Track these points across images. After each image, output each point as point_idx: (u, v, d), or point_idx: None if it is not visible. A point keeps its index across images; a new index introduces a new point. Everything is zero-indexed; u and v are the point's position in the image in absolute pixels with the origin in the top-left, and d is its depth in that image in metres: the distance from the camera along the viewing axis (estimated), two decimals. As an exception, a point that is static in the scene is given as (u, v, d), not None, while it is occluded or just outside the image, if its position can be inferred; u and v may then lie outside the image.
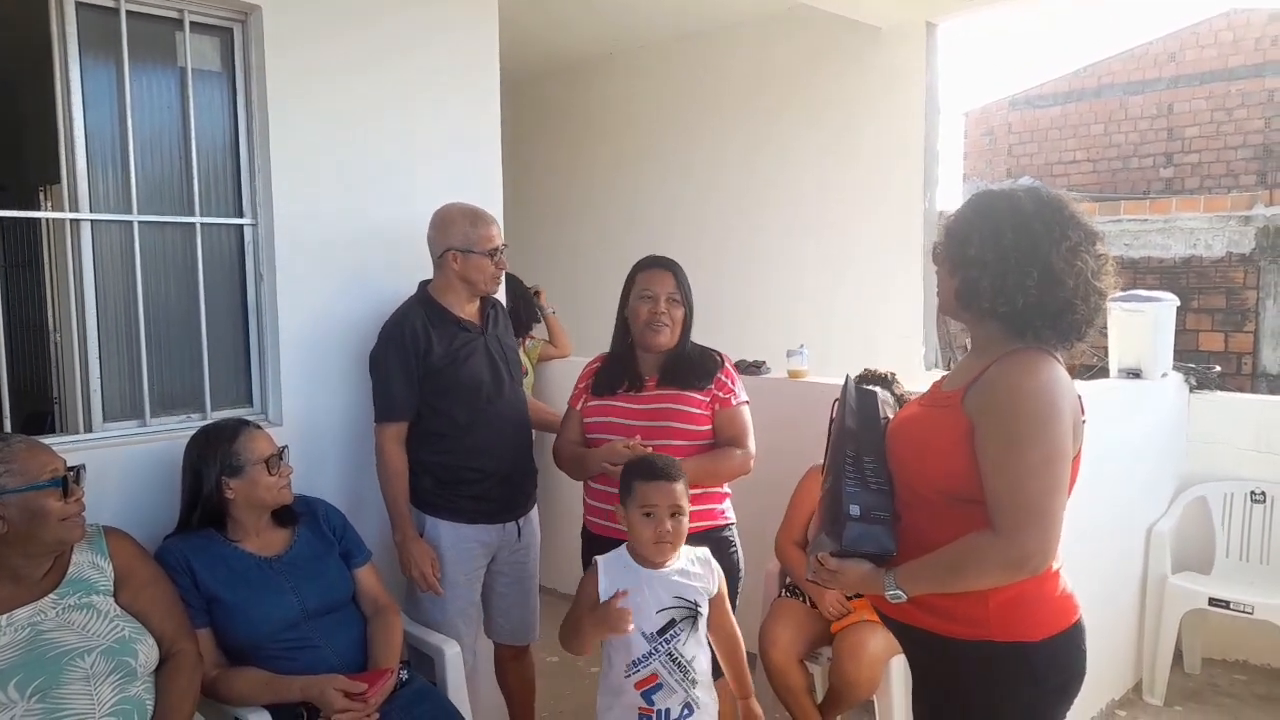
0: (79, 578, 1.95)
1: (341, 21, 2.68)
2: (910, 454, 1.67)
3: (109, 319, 2.42)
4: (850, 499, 1.60)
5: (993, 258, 1.59)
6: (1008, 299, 1.58)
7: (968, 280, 1.63)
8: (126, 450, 2.35)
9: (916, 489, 1.64)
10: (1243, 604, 3.21)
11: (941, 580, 1.56)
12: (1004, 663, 1.57)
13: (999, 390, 1.55)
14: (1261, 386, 6.47)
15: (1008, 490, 1.50)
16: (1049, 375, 1.55)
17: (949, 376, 1.78)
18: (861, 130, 4.81)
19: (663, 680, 2.05)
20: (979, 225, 1.62)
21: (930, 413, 1.70)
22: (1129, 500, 3.39)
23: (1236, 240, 6.62)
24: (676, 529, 2.06)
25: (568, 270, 5.87)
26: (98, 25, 2.35)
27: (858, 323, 4.80)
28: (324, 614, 2.22)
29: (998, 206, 1.62)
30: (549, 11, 4.89)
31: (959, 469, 1.56)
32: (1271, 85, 9.54)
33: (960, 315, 1.70)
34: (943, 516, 1.59)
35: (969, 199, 1.69)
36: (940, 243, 1.71)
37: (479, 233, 2.54)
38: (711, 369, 2.53)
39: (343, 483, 2.73)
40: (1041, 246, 1.57)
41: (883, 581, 1.60)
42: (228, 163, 2.60)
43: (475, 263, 2.54)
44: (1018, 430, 1.51)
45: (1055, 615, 1.60)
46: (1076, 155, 10.89)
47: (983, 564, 1.51)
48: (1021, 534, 1.48)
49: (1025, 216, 1.59)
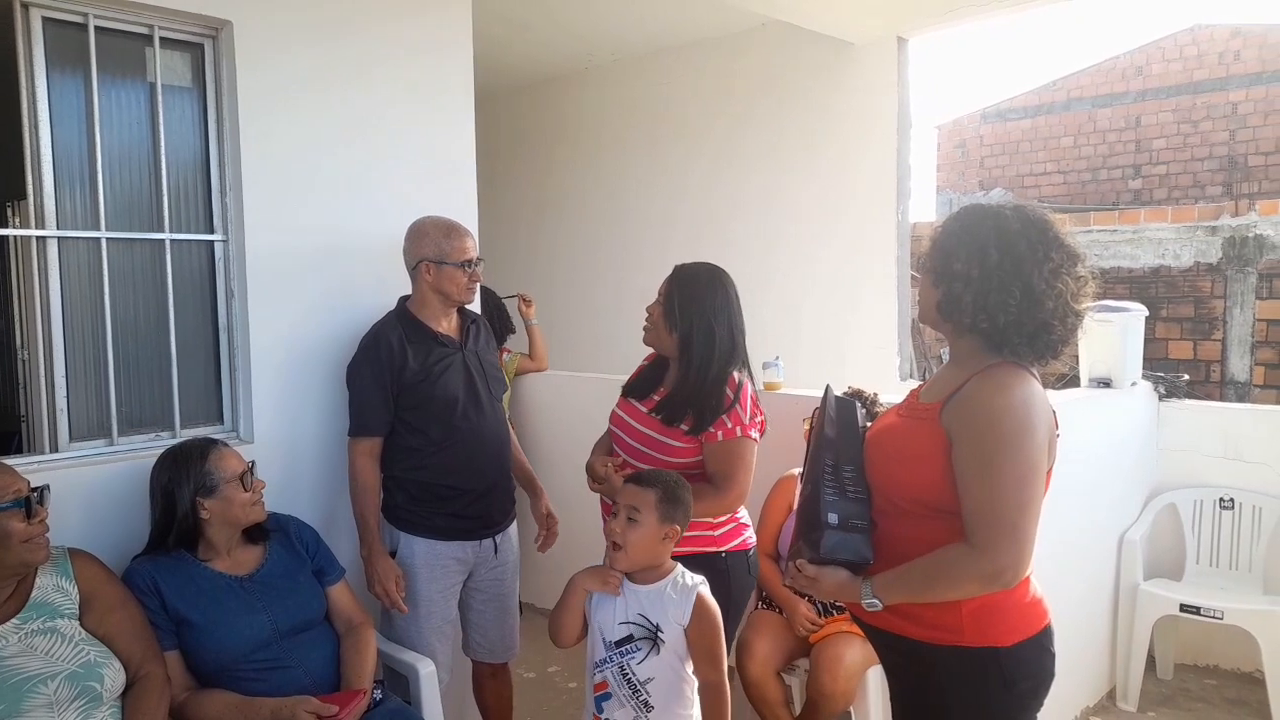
0: (43, 601, 1.92)
1: (313, 35, 2.68)
2: (887, 464, 1.70)
3: (76, 337, 2.39)
4: (828, 507, 1.63)
5: (977, 274, 1.62)
6: (989, 315, 1.61)
7: (951, 294, 1.66)
8: (94, 470, 2.32)
9: (893, 498, 1.67)
10: (1213, 609, 3.25)
11: (917, 591, 1.60)
12: (977, 667, 1.60)
13: (976, 407, 1.58)
14: (1230, 394, 6.58)
15: (984, 506, 1.53)
16: (1025, 392, 1.58)
17: (927, 387, 1.80)
18: (834, 144, 4.86)
19: (611, 691, 2.06)
20: (966, 240, 1.65)
21: (908, 423, 1.72)
22: (1101, 508, 3.43)
23: (1204, 250, 6.74)
24: (624, 531, 2.02)
25: (542, 283, 5.86)
26: (65, 40, 2.33)
27: (833, 334, 4.83)
28: (296, 633, 2.20)
29: (985, 223, 1.65)
30: (523, 26, 4.91)
31: (935, 481, 1.59)
32: (1235, 98, 9.74)
33: (940, 326, 1.73)
34: (918, 526, 1.62)
35: (958, 213, 1.71)
36: (926, 254, 1.73)
37: (452, 244, 2.54)
38: (707, 418, 2.27)
39: (317, 500, 2.70)
40: (1025, 266, 1.60)
41: (859, 590, 1.62)
42: (198, 178, 2.58)
43: (448, 274, 2.53)
44: (994, 448, 1.54)
45: (1026, 620, 1.63)
46: (1047, 167, 11.05)
47: (958, 577, 1.55)
48: (996, 549, 1.52)
49: (1011, 235, 1.62)
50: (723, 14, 4.78)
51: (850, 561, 1.63)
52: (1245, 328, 6.59)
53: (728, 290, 2.40)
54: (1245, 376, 6.59)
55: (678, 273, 2.41)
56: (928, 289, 1.72)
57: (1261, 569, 3.48)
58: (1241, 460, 3.60)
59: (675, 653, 2.05)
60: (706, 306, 2.33)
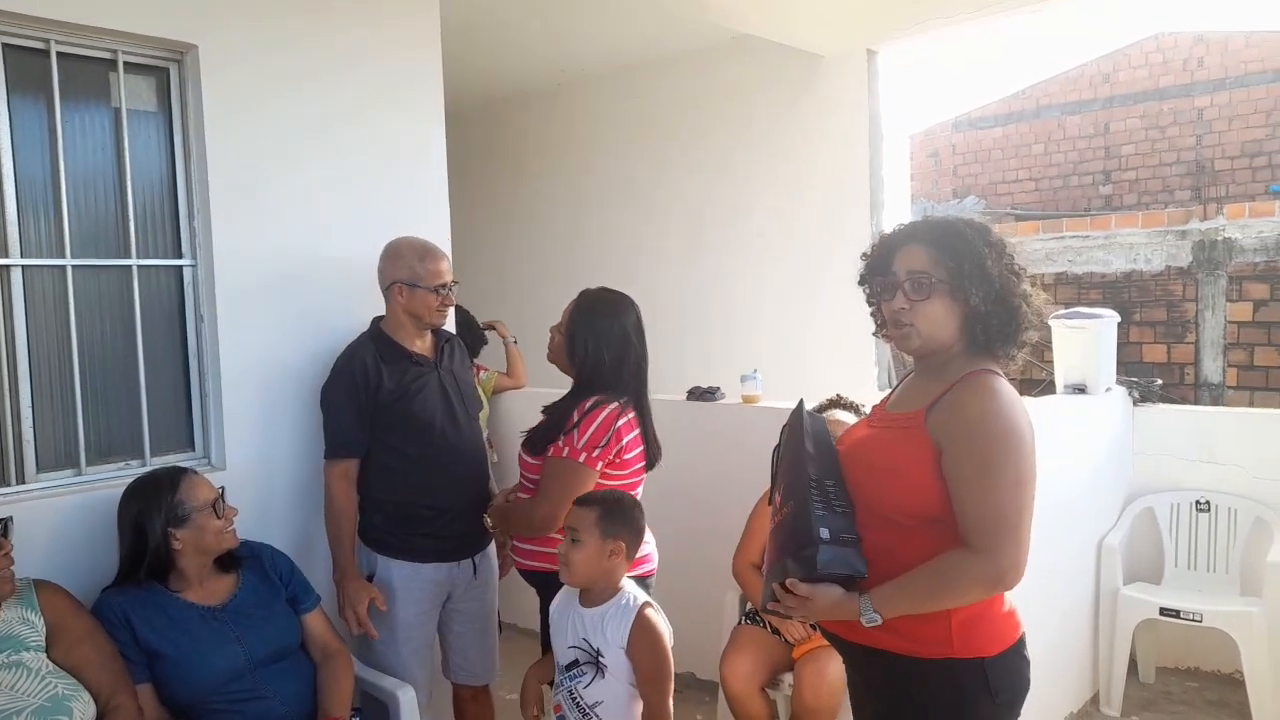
0: (7, 634, 1.88)
1: (279, 58, 2.66)
2: (873, 476, 1.68)
3: (42, 366, 2.35)
4: (819, 522, 1.60)
5: (992, 289, 1.64)
6: (995, 325, 1.65)
7: (973, 310, 1.64)
8: (61, 501, 2.28)
9: (878, 510, 1.65)
10: (1192, 612, 3.27)
11: (920, 601, 1.58)
12: (965, 679, 1.60)
13: (968, 414, 1.59)
14: (1203, 395, 6.65)
15: (983, 511, 1.54)
16: (1010, 398, 1.61)
17: (897, 398, 1.80)
18: (807, 156, 4.88)
19: (565, 713, 2.10)
20: (970, 256, 1.64)
21: (889, 435, 1.71)
22: (1079, 514, 3.44)
23: (1174, 254, 6.82)
24: (568, 551, 2.07)
25: (515, 300, 5.84)
26: (27, 67, 2.30)
27: (810, 346, 4.84)
28: (271, 663, 2.16)
29: (972, 237, 1.66)
30: (493, 44, 4.91)
31: (926, 490, 1.59)
32: (1200, 104, 9.89)
33: (943, 345, 1.69)
34: (907, 537, 1.61)
35: (941, 228, 1.70)
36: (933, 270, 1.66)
37: (426, 268, 2.52)
38: (548, 438, 2.34)
39: (291, 526, 2.67)
40: (1013, 275, 1.67)
41: (857, 606, 1.59)
42: (165, 203, 2.56)
43: (420, 297, 2.52)
44: (990, 453, 1.56)
45: (1006, 630, 1.65)
46: (1019, 174, 11.17)
47: (962, 583, 1.56)
48: (999, 552, 1.53)
49: (996, 246, 1.66)
50: (693, 29, 4.80)
51: (845, 576, 1.60)
52: (1217, 330, 6.66)
53: (624, 320, 2.40)
54: (1218, 378, 6.66)
55: (580, 298, 2.44)
56: (942, 314, 1.65)
57: (1238, 570, 3.50)
58: (1216, 463, 3.64)
59: (621, 676, 2.05)
60: (599, 331, 2.37)
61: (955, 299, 1.65)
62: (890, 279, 1.71)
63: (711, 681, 3.14)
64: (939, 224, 1.72)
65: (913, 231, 1.73)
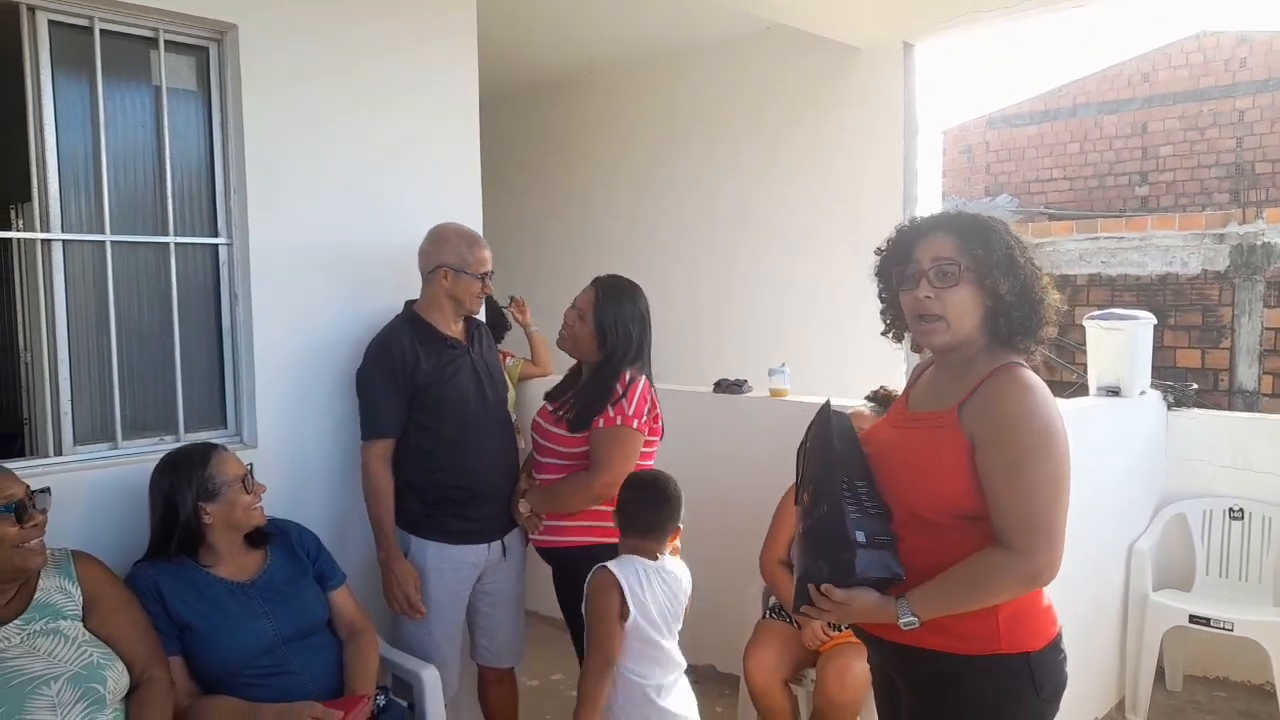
0: (46, 603, 1.91)
1: (318, 40, 2.67)
2: (907, 475, 1.65)
3: (80, 340, 2.38)
4: (854, 525, 1.58)
5: (1017, 281, 1.62)
6: (1022, 321, 1.63)
7: (1001, 303, 1.62)
8: (97, 474, 2.31)
9: (915, 510, 1.63)
10: (1223, 621, 3.22)
11: (958, 601, 1.57)
12: (1013, 674, 1.60)
13: (1002, 409, 1.57)
14: (1238, 403, 6.54)
15: (1019, 507, 1.53)
16: (1043, 392, 1.59)
17: (919, 397, 1.76)
18: (840, 149, 4.84)
19: None
20: (1000, 248, 1.62)
21: (920, 434, 1.68)
22: (1110, 518, 3.40)
23: (1211, 258, 6.71)
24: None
25: (545, 288, 5.83)
26: (71, 43, 2.33)
27: (839, 340, 4.81)
28: (299, 639, 2.18)
29: (999, 231, 1.64)
30: (528, 31, 4.91)
31: (964, 488, 1.57)
32: (1241, 105, 9.70)
33: (965, 340, 1.65)
34: (945, 536, 1.59)
35: (972, 221, 1.66)
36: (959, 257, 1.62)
37: (474, 255, 2.56)
38: (593, 412, 2.47)
39: (321, 504, 2.68)
40: (1034, 270, 1.65)
41: (895, 609, 1.57)
42: (203, 182, 2.58)
43: (465, 283, 2.55)
44: (1026, 449, 1.54)
45: (1047, 625, 1.65)
46: (1053, 173, 11.02)
47: (1000, 581, 1.54)
48: (1035, 550, 1.52)
49: (1020, 241, 1.65)
50: (726, 19, 4.78)
51: (881, 579, 1.58)
52: (1253, 336, 6.55)
53: (641, 302, 2.62)
54: (1254, 385, 6.55)
55: (602, 284, 2.61)
56: (968, 303, 1.62)
57: (1272, 580, 3.44)
58: (1251, 470, 3.57)
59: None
60: (625, 314, 2.55)
61: (982, 288, 1.61)
62: (912, 268, 1.65)
63: (733, 675, 3.14)
64: (961, 214, 1.68)
65: (936, 221, 1.69)
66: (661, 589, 2.23)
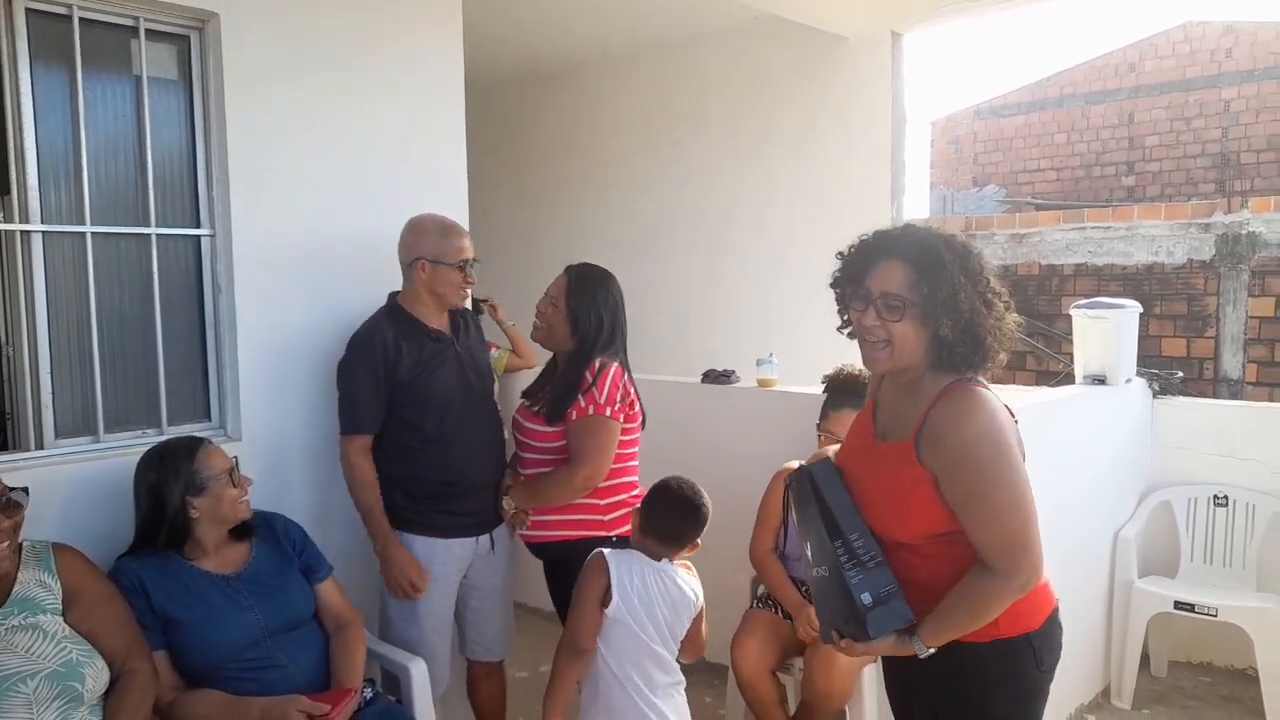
0: (25, 596, 1.89)
1: (301, 29, 2.64)
2: (881, 510, 1.72)
3: (61, 333, 2.36)
4: (858, 588, 1.64)
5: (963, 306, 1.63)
6: (965, 345, 1.65)
7: (940, 330, 1.63)
8: (79, 467, 2.29)
9: (895, 537, 1.70)
10: (1207, 607, 3.24)
11: (964, 625, 1.65)
12: (1015, 654, 1.69)
13: (952, 442, 1.62)
14: (1223, 391, 6.58)
15: (991, 534, 1.61)
16: (989, 411, 1.64)
17: (885, 425, 1.79)
18: (829, 139, 4.84)
19: None
20: (939, 271, 1.62)
21: (888, 468, 1.72)
22: (1095, 506, 3.42)
23: (1197, 247, 6.73)
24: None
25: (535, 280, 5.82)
26: (49, 32, 2.30)
27: (827, 331, 4.80)
28: (285, 632, 2.17)
29: (938, 249, 1.64)
30: (515, 22, 4.88)
31: (937, 516, 1.65)
32: (1227, 95, 9.75)
33: (910, 365, 1.69)
34: (928, 555, 1.68)
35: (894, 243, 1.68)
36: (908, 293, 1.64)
37: (450, 244, 2.52)
38: (565, 403, 2.46)
39: (306, 497, 2.67)
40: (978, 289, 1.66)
41: (912, 646, 1.66)
42: (185, 172, 2.55)
43: (443, 274, 2.51)
44: (980, 480, 1.60)
45: (1044, 602, 1.73)
46: (1040, 163, 11.06)
47: (995, 601, 1.62)
48: (1017, 568, 1.60)
49: (965, 259, 1.65)
50: (714, 9, 4.76)
51: (898, 629, 1.66)
52: (1238, 325, 6.58)
53: (614, 289, 2.59)
54: (1238, 374, 6.59)
55: (574, 271, 2.59)
56: (911, 336, 1.65)
57: (1255, 566, 3.47)
58: (1235, 457, 3.60)
59: None
60: (598, 300, 2.53)
61: (925, 324, 1.65)
62: (863, 292, 1.69)
63: (721, 665, 3.14)
64: (921, 242, 1.67)
65: (894, 246, 1.69)
66: (658, 590, 2.21)
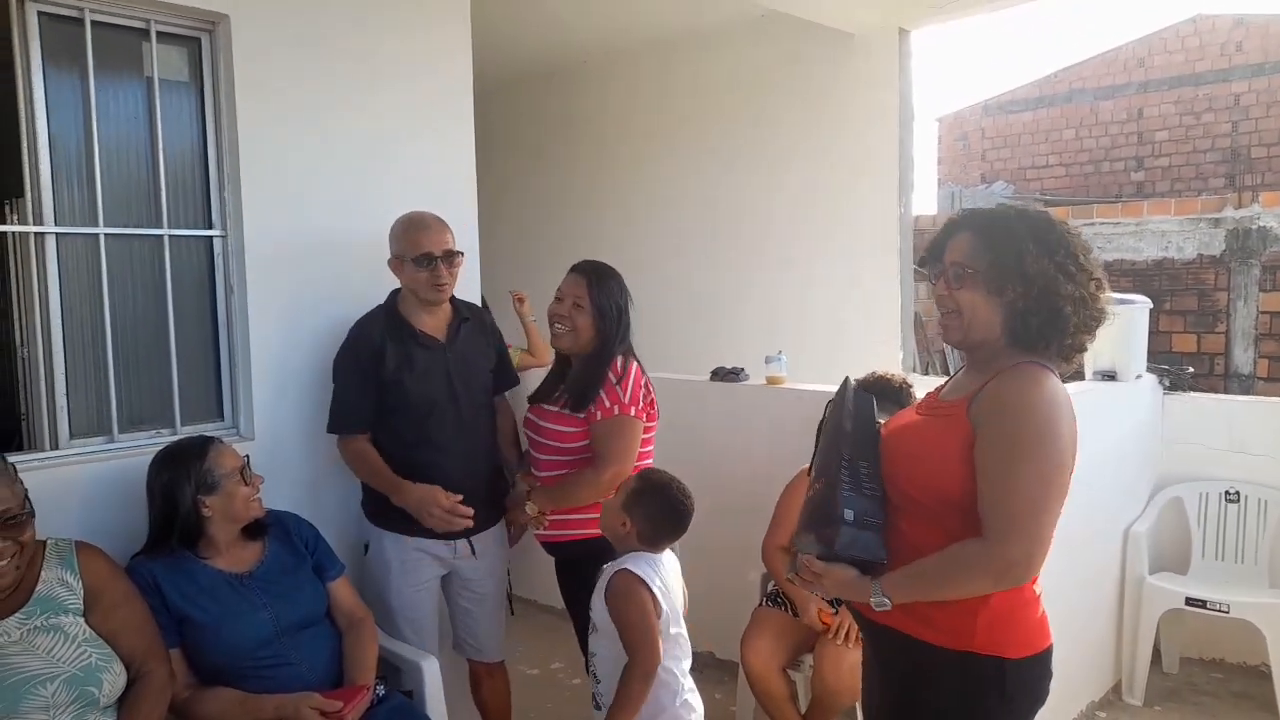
0: (47, 595, 1.90)
1: (311, 31, 2.66)
2: (908, 460, 1.66)
3: (76, 334, 2.37)
4: (844, 502, 1.58)
5: (1034, 286, 1.59)
6: (1040, 325, 1.60)
7: (1014, 310, 1.61)
8: (94, 467, 2.31)
9: (913, 495, 1.63)
10: (1219, 603, 3.24)
11: (928, 588, 1.57)
12: (980, 676, 1.58)
13: (1004, 400, 1.56)
14: (1234, 386, 6.56)
15: (1001, 497, 1.52)
16: (1052, 391, 1.57)
17: (948, 387, 1.78)
18: (836, 136, 4.83)
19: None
20: (1015, 251, 1.60)
21: (931, 421, 1.70)
22: (1107, 502, 3.41)
23: (1207, 242, 6.71)
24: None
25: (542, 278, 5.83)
26: (61, 35, 2.31)
27: (835, 329, 4.82)
28: (298, 630, 2.19)
29: (1018, 230, 1.62)
30: (522, 20, 4.89)
31: (959, 475, 1.57)
32: (1237, 89, 9.70)
33: (985, 343, 1.65)
34: (939, 523, 1.60)
35: (983, 222, 1.67)
36: (970, 266, 1.62)
37: (409, 239, 2.47)
38: (588, 397, 2.43)
39: (318, 496, 2.68)
40: (1061, 271, 1.60)
41: (868, 588, 1.58)
42: (196, 174, 2.56)
43: (409, 271, 2.47)
44: (1019, 441, 1.53)
45: (1034, 637, 1.62)
46: (1049, 159, 11.02)
47: (968, 572, 1.53)
48: (1008, 541, 1.50)
49: (1045, 241, 1.61)
50: (719, 6, 4.76)
51: (863, 560, 1.59)
52: (1249, 320, 6.56)
53: (623, 282, 2.59)
54: (1249, 369, 6.56)
55: (586, 269, 2.55)
56: (981, 305, 1.63)
57: (1267, 562, 3.46)
58: (1247, 453, 3.58)
59: (609, 634, 2.16)
60: (615, 293, 2.53)
61: (992, 292, 1.62)
62: (939, 267, 1.70)
63: (731, 661, 3.15)
64: (990, 214, 1.70)
65: (968, 220, 1.72)
66: (673, 580, 2.25)
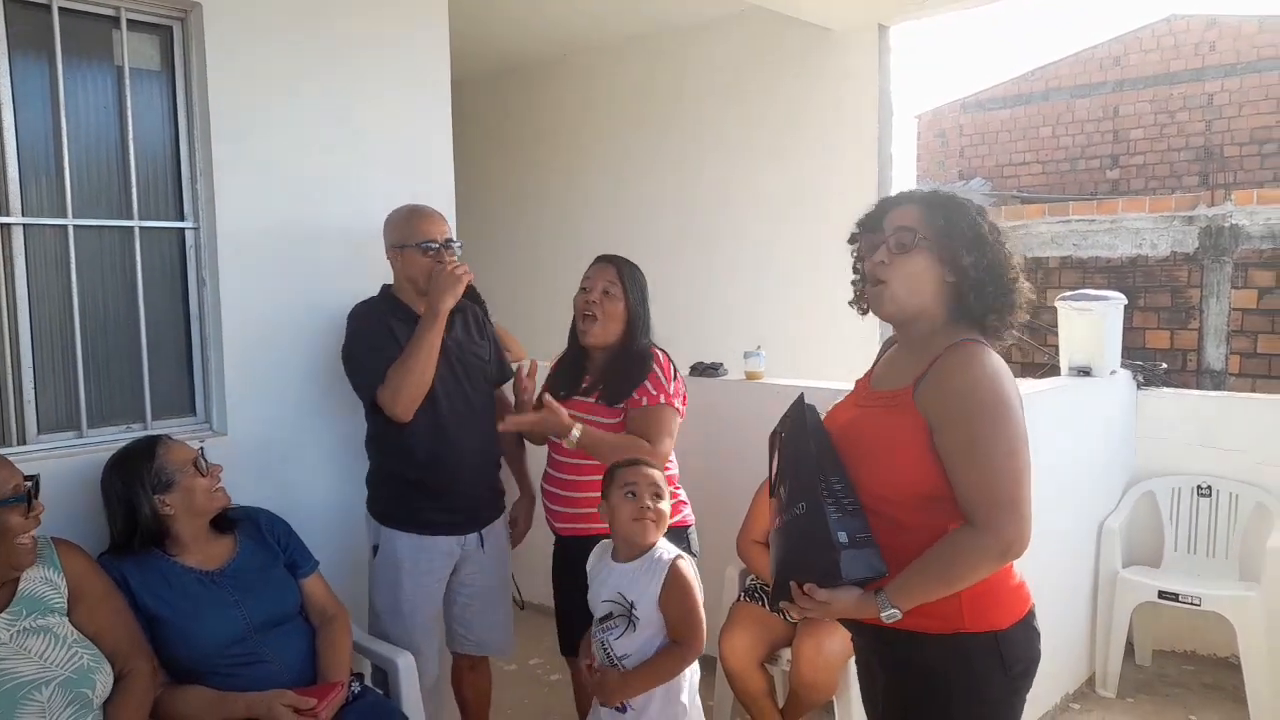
0: (31, 594, 1.87)
1: (286, 19, 2.62)
2: (867, 459, 1.66)
3: (43, 327, 2.33)
4: (836, 526, 1.58)
5: (985, 258, 1.64)
6: (985, 297, 1.64)
7: (964, 277, 1.63)
8: (62, 463, 2.26)
9: (879, 492, 1.63)
10: (1191, 596, 3.27)
11: (936, 586, 1.57)
12: (978, 653, 1.60)
13: (953, 387, 1.58)
14: (1206, 382, 6.64)
15: (980, 484, 1.54)
16: (996, 366, 1.60)
17: (880, 373, 1.79)
18: (815, 132, 4.84)
19: (598, 665, 2.14)
20: (970, 223, 1.64)
21: (878, 414, 1.69)
22: (1081, 496, 3.44)
23: (1180, 240, 6.77)
24: (657, 509, 2.13)
25: (521, 273, 5.83)
26: (29, 22, 2.26)
27: (815, 324, 4.82)
28: (271, 627, 2.16)
29: (969, 208, 1.66)
30: (500, 14, 4.85)
31: (922, 468, 1.58)
32: (1211, 89, 9.81)
33: (920, 311, 1.67)
34: (909, 516, 1.60)
35: (940, 197, 1.69)
36: (921, 233, 1.64)
37: (413, 226, 2.48)
38: (627, 387, 2.47)
39: (292, 490, 2.65)
40: (1003, 249, 1.67)
41: (875, 604, 1.58)
42: (168, 164, 2.52)
43: (409, 257, 2.47)
44: (979, 426, 1.55)
45: (1016, 602, 1.65)
46: (1026, 157, 11.09)
47: (972, 560, 1.54)
48: (1001, 525, 1.52)
49: (989, 219, 1.67)
50: (699, 1, 4.74)
51: (866, 578, 1.59)
52: (1221, 317, 6.63)
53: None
54: (1221, 365, 6.64)
55: (614, 260, 2.59)
56: (924, 273, 1.65)
57: (1238, 555, 3.50)
58: (1218, 448, 3.63)
59: (652, 629, 2.10)
60: (642, 284, 2.60)
61: (942, 259, 1.64)
62: (877, 236, 1.72)
63: (709, 657, 3.14)
64: (932, 191, 1.72)
65: (908, 195, 1.75)
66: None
